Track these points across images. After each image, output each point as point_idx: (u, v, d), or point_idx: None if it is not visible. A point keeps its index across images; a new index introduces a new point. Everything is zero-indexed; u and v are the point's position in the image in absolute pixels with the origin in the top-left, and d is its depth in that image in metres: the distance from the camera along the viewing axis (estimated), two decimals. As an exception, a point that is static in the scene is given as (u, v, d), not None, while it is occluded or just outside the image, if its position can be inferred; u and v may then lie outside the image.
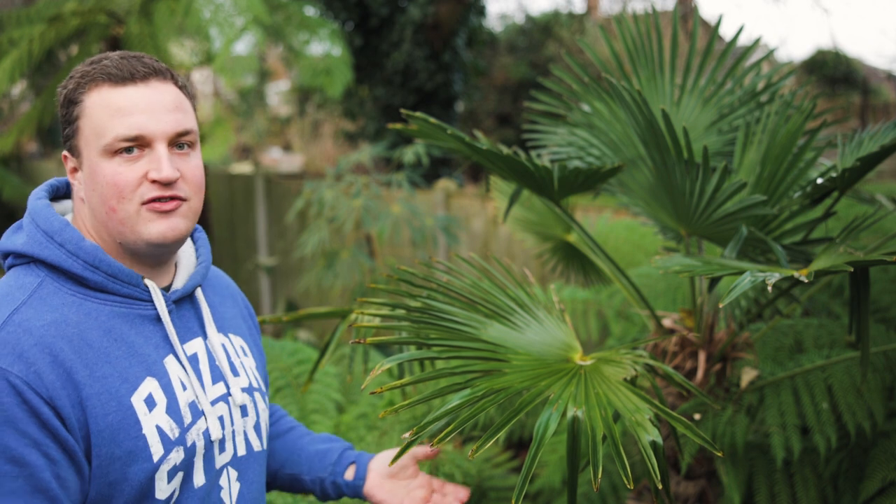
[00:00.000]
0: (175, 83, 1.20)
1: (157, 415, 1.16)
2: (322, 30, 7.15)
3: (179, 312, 1.26)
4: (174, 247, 1.22)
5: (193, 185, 1.19)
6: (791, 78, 2.15)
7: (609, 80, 1.68)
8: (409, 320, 1.42)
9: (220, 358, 1.28)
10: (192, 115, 1.22)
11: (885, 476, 2.11)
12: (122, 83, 1.15)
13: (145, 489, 1.14)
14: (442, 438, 1.19)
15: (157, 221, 1.16)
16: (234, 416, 1.28)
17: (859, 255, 1.46)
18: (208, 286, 1.37)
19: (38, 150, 12.69)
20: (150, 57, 1.20)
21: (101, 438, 1.10)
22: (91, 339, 1.13)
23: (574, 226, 2.07)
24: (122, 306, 1.18)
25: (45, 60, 6.63)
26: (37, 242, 1.18)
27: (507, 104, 13.01)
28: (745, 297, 2.07)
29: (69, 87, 1.18)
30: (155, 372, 1.18)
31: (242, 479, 1.29)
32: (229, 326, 1.36)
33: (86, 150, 1.16)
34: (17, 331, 1.09)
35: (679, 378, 1.37)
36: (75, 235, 1.17)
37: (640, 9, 11.49)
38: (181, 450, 1.18)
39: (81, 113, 1.16)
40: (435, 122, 1.74)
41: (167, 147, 1.16)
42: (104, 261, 1.17)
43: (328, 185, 4.98)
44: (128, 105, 1.14)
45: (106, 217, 1.17)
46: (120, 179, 1.14)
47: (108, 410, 1.11)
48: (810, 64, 14.29)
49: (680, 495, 2.03)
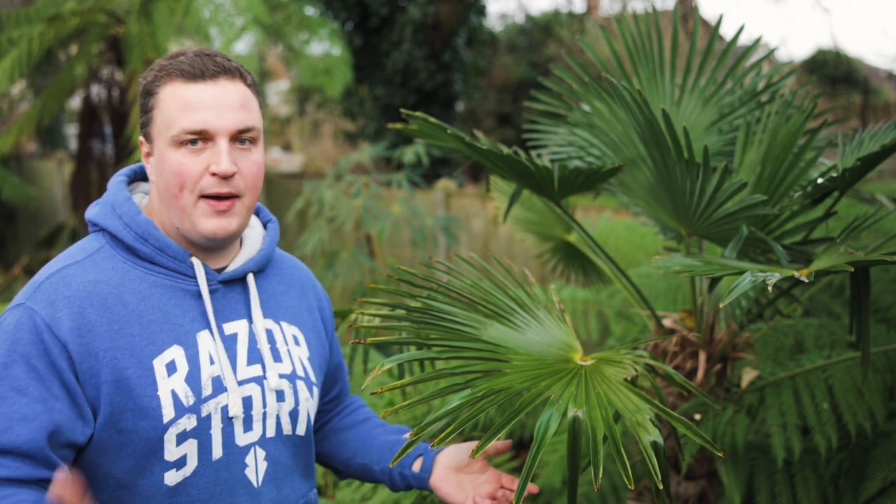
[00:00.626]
0: (244, 82, 1.29)
1: (175, 380, 1.24)
2: (322, 29, 7.15)
3: (228, 293, 1.34)
4: (225, 242, 1.31)
5: (249, 181, 1.28)
6: (791, 78, 2.15)
7: (609, 80, 1.67)
8: (409, 320, 1.42)
9: (262, 342, 1.34)
10: (256, 113, 1.30)
11: (886, 476, 2.11)
12: (193, 80, 1.24)
13: (154, 447, 1.22)
14: (442, 439, 1.19)
15: (211, 218, 1.26)
16: (268, 399, 1.33)
17: (860, 255, 1.46)
18: (274, 274, 1.44)
19: (37, 150, 12.68)
20: (222, 56, 1.28)
21: (114, 388, 1.20)
22: (127, 301, 1.24)
23: (574, 226, 2.07)
24: (167, 278, 1.28)
25: (44, 60, 6.63)
26: (104, 214, 1.31)
27: (507, 104, 13.00)
28: (746, 297, 2.07)
29: (148, 78, 1.28)
30: (184, 342, 1.26)
31: (269, 460, 1.34)
32: (285, 315, 1.42)
33: (157, 138, 1.26)
34: (58, 282, 1.22)
35: (679, 378, 1.36)
36: (132, 209, 1.29)
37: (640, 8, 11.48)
38: (193, 418, 1.24)
39: (156, 104, 1.26)
40: (435, 122, 1.74)
41: (229, 142, 1.25)
42: (153, 234, 1.28)
43: (328, 184, 4.97)
44: (195, 101, 1.23)
45: (170, 202, 1.27)
46: (184, 170, 1.23)
47: (127, 365, 1.21)
48: (811, 63, 14.29)
49: (680, 495, 2.03)
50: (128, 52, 6.01)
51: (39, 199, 9.12)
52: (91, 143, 7.15)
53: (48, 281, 1.22)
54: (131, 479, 1.23)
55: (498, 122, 13.14)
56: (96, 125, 7.19)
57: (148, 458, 1.23)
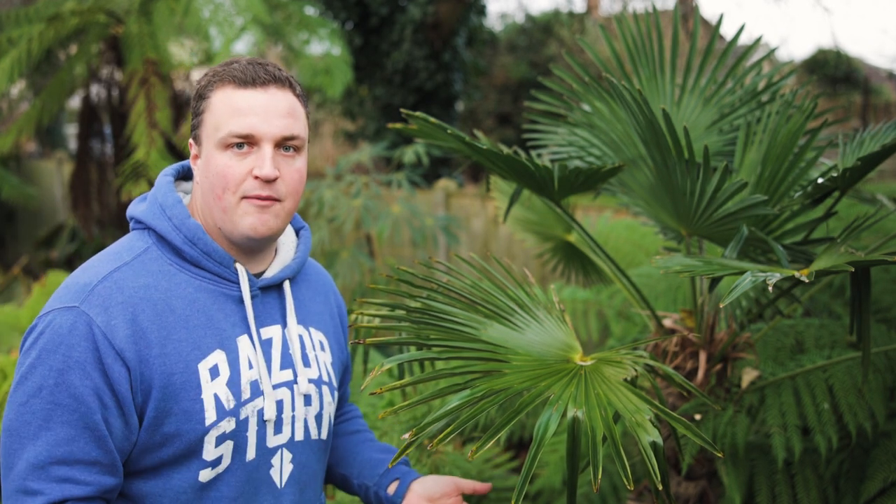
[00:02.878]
0: (293, 91, 1.33)
1: (217, 384, 1.27)
2: (322, 29, 7.15)
3: (265, 299, 1.38)
4: (264, 241, 1.34)
5: (290, 187, 1.32)
6: (792, 77, 2.15)
7: (609, 80, 1.67)
8: (408, 321, 1.42)
9: (295, 347, 1.38)
10: (302, 122, 1.34)
11: (887, 477, 2.11)
12: (244, 86, 1.29)
13: (194, 447, 1.25)
14: (442, 439, 1.18)
15: (252, 215, 1.29)
16: (297, 403, 1.37)
17: (860, 255, 1.46)
18: (303, 280, 1.48)
19: (37, 150, 12.68)
20: (273, 65, 1.33)
21: (162, 393, 1.23)
22: (175, 306, 1.27)
23: (574, 226, 2.06)
24: (211, 283, 1.32)
25: (44, 60, 6.63)
26: (152, 213, 1.33)
27: (508, 104, 13.00)
28: (746, 298, 2.07)
29: (202, 83, 1.33)
30: (226, 346, 1.30)
31: (296, 462, 1.38)
32: (313, 321, 1.46)
33: (206, 140, 1.31)
34: (112, 287, 1.24)
35: (679, 379, 1.36)
36: (183, 212, 1.32)
37: (640, 8, 11.48)
38: (233, 420, 1.28)
39: (207, 107, 1.30)
40: (435, 122, 1.74)
41: (273, 148, 1.29)
42: (202, 239, 1.31)
43: (328, 184, 4.97)
44: (245, 106, 1.27)
45: (213, 203, 1.30)
46: (229, 171, 1.27)
47: (174, 370, 1.24)
48: (811, 63, 14.28)
49: (681, 496, 2.03)
50: (127, 52, 6.00)
51: (39, 198, 9.12)
52: (91, 142, 7.15)
53: (101, 285, 1.24)
54: (167, 473, 1.27)
55: (498, 122, 13.14)
56: (96, 125, 7.19)
57: (187, 457, 1.26)
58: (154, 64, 5.84)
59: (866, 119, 11.60)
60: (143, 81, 5.82)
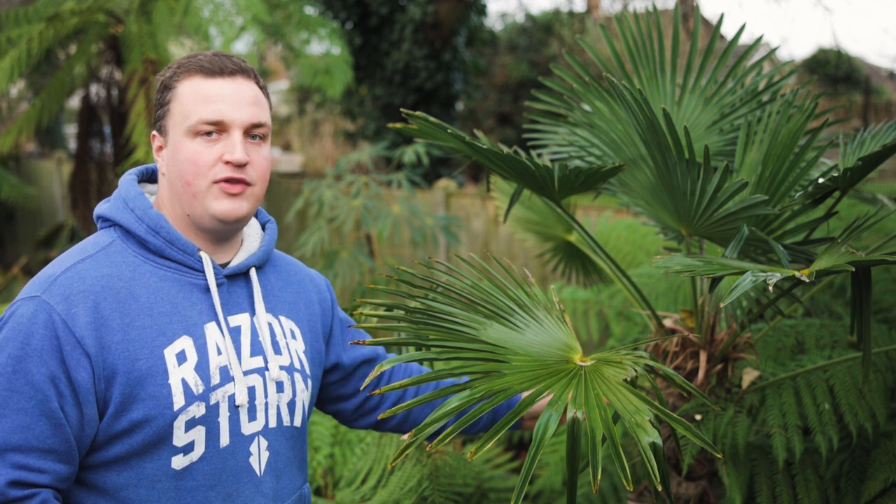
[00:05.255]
0: (257, 83, 1.37)
1: (185, 369, 1.28)
2: (321, 29, 7.14)
3: (231, 288, 1.39)
4: (235, 225, 1.36)
5: (259, 173, 1.35)
6: (793, 77, 2.14)
7: (610, 80, 1.66)
8: (408, 321, 1.41)
9: (265, 335, 1.40)
10: (267, 112, 1.38)
11: (887, 477, 2.10)
12: (212, 75, 1.32)
13: (164, 433, 1.26)
14: (442, 440, 1.18)
15: (223, 200, 1.31)
16: (269, 390, 1.38)
17: (861, 254, 1.45)
18: (272, 270, 1.49)
19: (36, 150, 12.68)
20: (238, 57, 1.37)
21: (127, 378, 1.24)
22: (138, 294, 1.29)
23: (575, 226, 2.06)
24: (176, 273, 1.33)
25: (43, 60, 6.62)
26: (116, 208, 1.35)
27: (508, 103, 13.00)
28: (747, 298, 2.06)
29: (167, 75, 1.35)
30: (193, 332, 1.31)
31: (271, 450, 1.39)
32: (283, 309, 1.47)
33: (172, 130, 1.33)
34: (74, 277, 1.26)
35: (679, 379, 1.36)
36: (145, 204, 1.34)
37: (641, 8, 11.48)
38: (202, 405, 1.29)
39: (173, 97, 1.33)
40: (435, 122, 1.73)
41: (242, 135, 1.32)
42: (164, 228, 1.32)
43: (328, 184, 4.97)
44: (214, 94, 1.31)
45: (182, 190, 1.32)
46: (199, 158, 1.30)
47: (139, 356, 1.25)
48: (812, 63, 14.28)
49: (681, 496, 2.03)
50: (127, 52, 6.00)
51: (38, 198, 9.12)
52: (90, 142, 7.14)
53: (63, 276, 1.26)
54: (139, 462, 1.27)
55: (498, 121, 13.14)
56: (95, 125, 7.18)
57: (156, 444, 1.27)
58: (154, 63, 5.84)
59: (867, 119, 11.59)
60: (143, 81, 5.82)
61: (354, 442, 2.83)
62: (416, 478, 2.52)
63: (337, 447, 2.84)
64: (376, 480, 2.61)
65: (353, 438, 2.85)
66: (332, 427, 2.89)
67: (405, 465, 2.58)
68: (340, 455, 2.82)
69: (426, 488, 2.52)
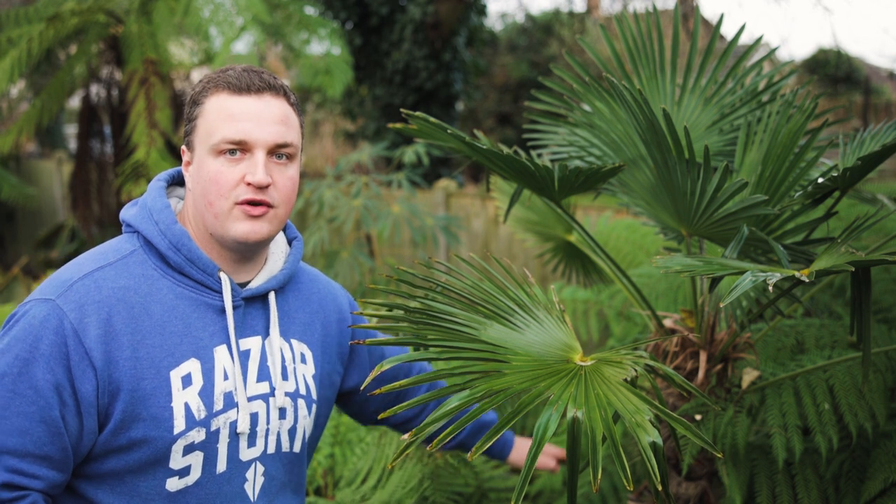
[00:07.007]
0: (287, 100, 1.33)
1: (189, 393, 1.26)
2: (322, 29, 7.15)
3: (248, 309, 1.36)
4: (256, 247, 1.34)
5: (283, 194, 1.31)
6: (792, 77, 2.14)
7: (610, 80, 1.67)
8: (408, 321, 1.41)
9: (275, 360, 1.37)
10: (295, 130, 1.33)
11: (887, 477, 2.10)
12: (239, 92, 1.28)
13: (161, 455, 1.25)
14: (441, 440, 1.18)
15: (244, 222, 1.28)
16: (272, 416, 1.36)
17: (861, 254, 1.45)
18: (292, 290, 1.46)
19: (36, 150, 12.68)
20: (268, 73, 1.33)
21: (131, 397, 1.22)
22: (153, 311, 1.26)
23: (575, 226, 2.06)
24: (193, 291, 1.31)
25: (44, 60, 6.62)
26: (141, 217, 1.33)
27: (508, 104, 13.00)
28: (747, 298, 2.06)
29: (197, 89, 1.32)
30: (201, 356, 1.29)
31: (266, 475, 1.38)
32: (296, 332, 1.45)
33: (198, 146, 1.30)
34: (91, 285, 1.24)
35: (679, 379, 1.36)
36: (170, 217, 1.32)
37: (641, 8, 11.47)
38: (203, 431, 1.27)
39: (200, 113, 1.30)
40: (435, 122, 1.73)
41: (266, 155, 1.28)
42: (186, 245, 1.30)
43: (328, 184, 4.97)
44: (238, 112, 1.27)
45: (204, 208, 1.29)
46: (221, 177, 1.27)
47: (145, 375, 1.23)
48: (812, 63, 14.28)
49: (681, 496, 2.03)
50: (127, 52, 6.00)
51: (38, 198, 9.11)
52: (90, 142, 7.15)
53: (81, 282, 1.24)
54: (133, 480, 1.26)
55: (498, 121, 13.14)
56: (96, 125, 7.19)
57: (153, 464, 1.25)
58: (154, 64, 5.84)
59: (867, 119, 11.59)
60: (143, 81, 5.82)
61: (354, 442, 2.83)
62: (417, 478, 2.53)
63: (337, 447, 2.84)
64: (376, 480, 2.61)
65: (354, 438, 2.85)
66: (332, 427, 2.89)
67: (405, 464, 2.59)
68: (340, 455, 2.82)
69: (427, 488, 2.52)
